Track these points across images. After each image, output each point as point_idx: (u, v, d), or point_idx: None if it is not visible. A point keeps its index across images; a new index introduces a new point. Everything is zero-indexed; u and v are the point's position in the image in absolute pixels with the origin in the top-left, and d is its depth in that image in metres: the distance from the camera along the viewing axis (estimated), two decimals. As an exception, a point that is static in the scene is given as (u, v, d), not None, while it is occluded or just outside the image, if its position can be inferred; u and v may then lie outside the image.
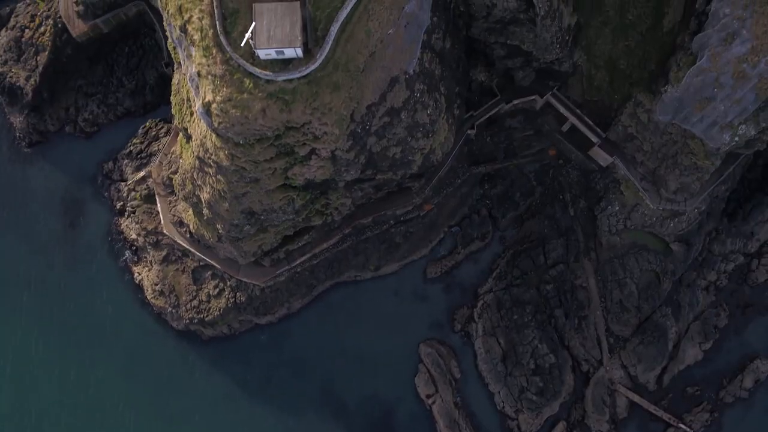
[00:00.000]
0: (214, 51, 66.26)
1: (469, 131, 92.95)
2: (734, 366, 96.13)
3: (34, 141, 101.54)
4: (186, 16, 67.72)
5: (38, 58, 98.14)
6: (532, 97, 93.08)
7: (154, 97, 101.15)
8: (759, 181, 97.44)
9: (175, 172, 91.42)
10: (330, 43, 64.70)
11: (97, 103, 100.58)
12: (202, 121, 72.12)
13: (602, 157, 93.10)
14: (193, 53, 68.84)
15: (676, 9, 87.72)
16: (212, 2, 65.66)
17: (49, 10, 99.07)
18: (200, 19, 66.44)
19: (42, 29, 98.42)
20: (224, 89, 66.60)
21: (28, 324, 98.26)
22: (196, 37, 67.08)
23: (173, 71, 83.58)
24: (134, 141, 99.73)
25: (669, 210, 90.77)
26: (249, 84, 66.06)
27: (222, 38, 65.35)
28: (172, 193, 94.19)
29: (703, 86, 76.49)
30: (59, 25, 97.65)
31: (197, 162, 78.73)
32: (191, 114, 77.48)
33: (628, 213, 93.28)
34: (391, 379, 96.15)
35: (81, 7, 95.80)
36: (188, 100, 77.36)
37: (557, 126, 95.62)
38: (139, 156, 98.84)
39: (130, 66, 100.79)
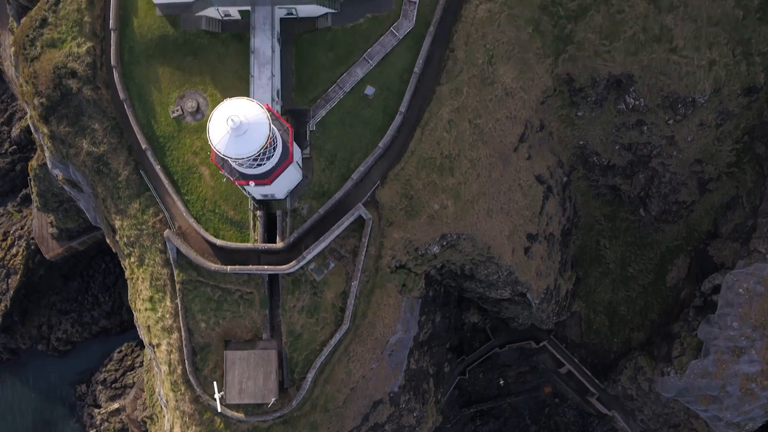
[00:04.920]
0: (182, 388, 61.52)
1: (460, 376, 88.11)
2: None
3: (4, 359, 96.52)
4: (154, 341, 63.13)
5: (9, 281, 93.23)
6: (527, 342, 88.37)
7: (131, 316, 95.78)
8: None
9: (150, 417, 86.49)
10: (306, 387, 59.99)
11: (71, 322, 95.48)
12: (171, 431, 67.41)
13: (600, 407, 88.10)
14: (162, 375, 64.26)
15: (680, 268, 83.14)
16: (181, 338, 61.07)
17: (22, 229, 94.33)
18: (168, 353, 61.69)
19: (14, 250, 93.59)
20: (193, 427, 61.90)
21: None
22: (165, 368, 62.40)
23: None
24: (108, 367, 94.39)
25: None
26: (220, 424, 61.29)
27: (191, 377, 60.55)
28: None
29: (709, 387, 71.61)
30: (32, 247, 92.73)
31: (168, 455, 73.88)
32: (161, 408, 72.73)
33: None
34: None
35: (55, 230, 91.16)
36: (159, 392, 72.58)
37: (554, 365, 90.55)
38: (113, 385, 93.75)
39: (106, 283, 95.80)
